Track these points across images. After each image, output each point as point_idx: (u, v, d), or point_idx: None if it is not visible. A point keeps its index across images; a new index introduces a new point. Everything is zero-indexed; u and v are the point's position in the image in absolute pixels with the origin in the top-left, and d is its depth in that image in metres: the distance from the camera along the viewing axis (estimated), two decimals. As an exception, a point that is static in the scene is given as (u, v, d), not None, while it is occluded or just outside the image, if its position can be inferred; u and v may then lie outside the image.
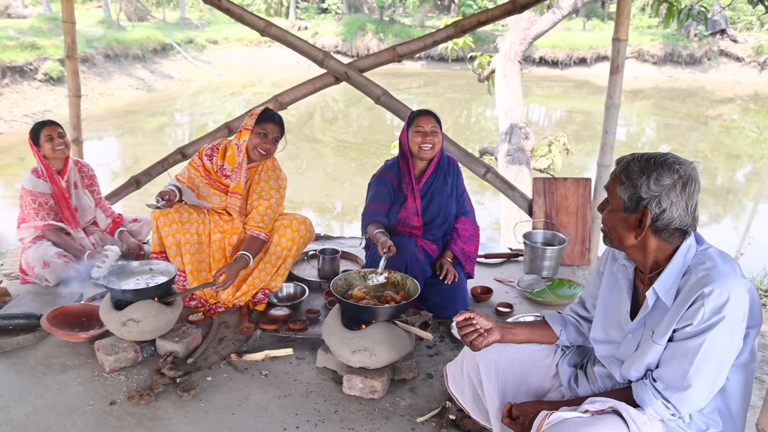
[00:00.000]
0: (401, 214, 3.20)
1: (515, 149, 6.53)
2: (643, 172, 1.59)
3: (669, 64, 22.15)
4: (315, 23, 29.00)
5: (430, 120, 3.10)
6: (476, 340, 1.88)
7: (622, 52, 3.60)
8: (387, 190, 3.23)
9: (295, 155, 13.27)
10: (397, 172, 3.24)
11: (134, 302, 2.73)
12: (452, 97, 20.75)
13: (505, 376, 1.98)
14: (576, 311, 2.06)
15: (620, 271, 1.80)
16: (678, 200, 1.58)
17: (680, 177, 1.58)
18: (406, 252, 3.00)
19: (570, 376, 1.97)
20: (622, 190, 1.63)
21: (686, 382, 1.55)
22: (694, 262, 1.61)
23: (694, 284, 1.56)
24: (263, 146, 3.18)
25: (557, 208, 3.98)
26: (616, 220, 1.68)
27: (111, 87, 19.00)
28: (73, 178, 3.83)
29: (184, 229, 3.20)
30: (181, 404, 2.50)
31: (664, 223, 1.60)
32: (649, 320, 1.69)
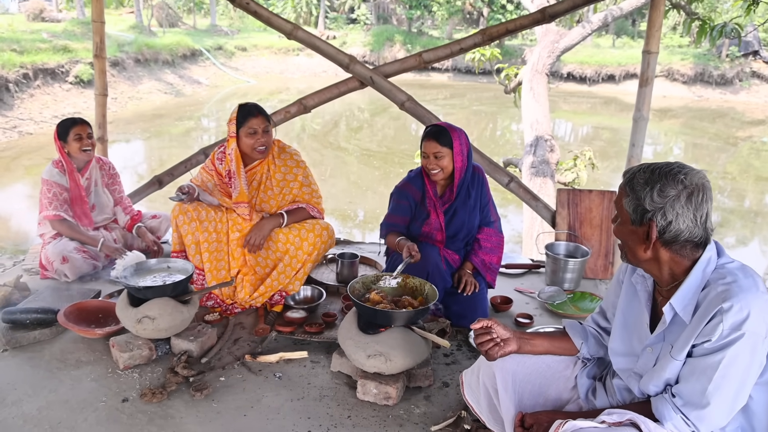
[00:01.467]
0: (424, 228, 3.16)
1: (540, 161, 6.46)
2: (647, 183, 1.55)
3: (699, 83, 21.86)
4: (343, 33, 29.26)
5: (431, 145, 2.97)
6: (492, 350, 1.82)
7: (652, 64, 3.53)
8: (408, 204, 3.17)
9: (320, 162, 13.34)
10: (421, 186, 3.17)
11: (150, 299, 2.72)
12: (478, 109, 20.71)
13: (522, 387, 1.92)
14: (597, 322, 1.99)
15: (639, 282, 1.75)
16: (684, 211, 1.53)
17: (685, 187, 1.53)
18: (428, 261, 2.95)
19: (588, 388, 1.91)
20: (627, 203, 1.60)
21: (705, 399, 1.49)
22: (714, 276, 1.55)
23: (713, 299, 1.50)
24: (259, 143, 3.17)
25: (581, 220, 3.90)
26: (625, 234, 1.64)
27: (140, 91, 19.36)
28: (95, 176, 3.86)
29: (202, 227, 3.20)
30: (194, 404, 2.48)
31: (671, 235, 1.55)
32: (668, 335, 1.63)
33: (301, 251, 3.28)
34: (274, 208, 3.35)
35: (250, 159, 3.30)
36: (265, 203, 3.35)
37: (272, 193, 3.35)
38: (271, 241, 3.27)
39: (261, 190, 3.35)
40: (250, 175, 3.32)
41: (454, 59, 23.90)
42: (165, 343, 2.86)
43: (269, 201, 3.35)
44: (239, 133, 3.19)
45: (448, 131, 3.00)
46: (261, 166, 3.32)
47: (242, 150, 3.24)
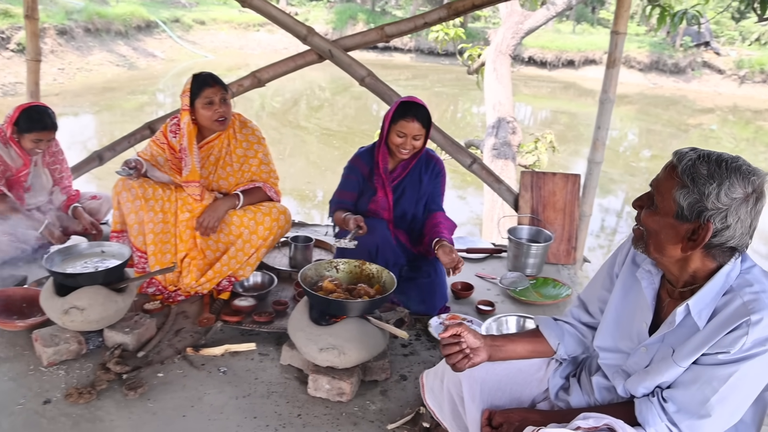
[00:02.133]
0: (370, 206, 2.98)
1: (501, 143, 6.34)
2: (713, 177, 1.31)
3: (654, 71, 22.20)
4: (306, 10, 28.60)
5: (413, 125, 2.78)
6: (460, 363, 1.62)
7: (620, 45, 3.39)
8: (356, 179, 3.00)
9: (278, 141, 12.97)
10: (369, 161, 2.98)
11: (80, 288, 2.46)
12: (440, 91, 20.55)
13: (492, 395, 1.75)
14: (578, 317, 1.81)
15: (645, 278, 1.55)
16: (746, 217, 1.32)
17: (754, 191, 1.32)
18: (376, 232, 2.77)
19: (560, 387, 1.75)
20: (682, 195, 1.34)
21: (704, 410, 1.34)
22: (739, 282, 1.38)
23: (738, 308, 1.33)
24: (217, 114, 2.93)
25: (544, 203, 3.78)
26: (661, 226, 1.40)
27: (90, 62, 18.46)
28: (34, 156, 3.53)
29: (148, 206, 2.94)
30: (126, 404, 2.25)
31: (721, 240, 1.35)
32: (669, 337, 1.46)
33: (256, 235, 3.05)
34: (232, 186, 3.11)
35: (208, 131, 3.05)
36: (223, 180, 3.11)
37: (231, 170, 3.11)
38: (224, 223, 3.03)
39: (219, 165, 3.11)
40: (207, 149, 3.07)
41: (417, 40, 23.64)
42: (97, 335, 2.61)
43: (228, 178, 3.11)
44: (195, 106, 2.94)
45: (426, 109, 2.83)
46: (220, 140, 3.07)
47: (200, 123, 2.99)
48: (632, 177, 11.55)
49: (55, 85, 15.99)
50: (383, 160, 2.95)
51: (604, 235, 8.87)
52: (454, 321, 2.92)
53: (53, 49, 17.45)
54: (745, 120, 18.64)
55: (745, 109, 19.67)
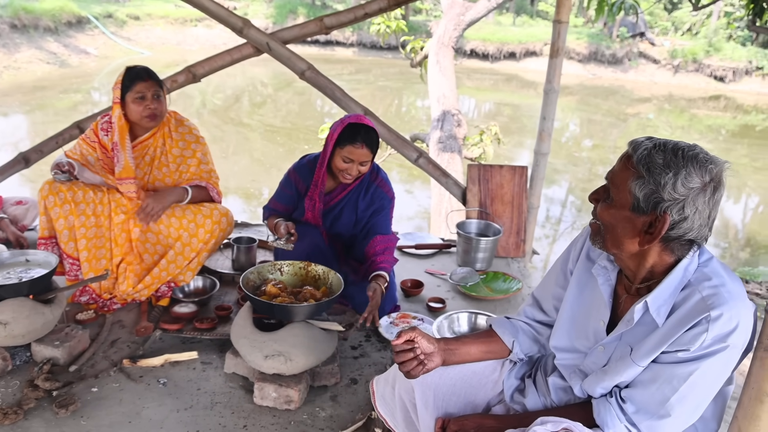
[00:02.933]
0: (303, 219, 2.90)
1: (447, 136, 6.32)
2: (669, 167, 1.26)
3: (593, 62, 22.77)
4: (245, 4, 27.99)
5: (363, 153, 2.63)
6: (414, 370, 1.53)
7: (563, 34, 3.40)
8: (291, 193, 2.90)
9: (220, 138, 12.65)
10: (307, 177, 2.84)
11: (2, 300, 2.28)
12: (384, 85, 20.51)
13: (447, 400, 1.68)
14: (532, 316, 1.75)
15: (601, 275, 1.49)
16: (704, 208, 1.27)
17: (712, 180, 1.27)
18: (305, 240, 2.69)
19: (515, 388, 1.70)
20: (637, 186, 1.29)
21: (664, 410, 1.31)
22: (697, 276, 1.33)
23: (698, 304, 1.29)
24: (148, 110, 2.77)
25: (492, 196, 3.76)
26: (617, 219, 1.34)
27: (18, 60, 17.58)
28: None
29: (78, 210, 2.75)
30: (57, 423, 2.09)
31: (679, 233, 1.29)
32: (627, 335, 1.42)
33: (196, 239, 2.91)
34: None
35: (140, 129, 2.88)
36: (159, 180, 2.95)
37: (167, 171, 2.95)
38: (162, 225, 2.88)
39: (155, 166, 2.94)
40: (141, 148, 2.90)
41: (360, 34, 23.51)
42: (24, 350, 2.43)
43: (164, 179, 2.95)
44: (126, 100, 2.77)
45: (374, 131, 2.69)
46: (154, 139, 2.91)
47: (130, 119, 2.82)
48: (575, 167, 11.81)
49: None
50: (321, 183, 2.80)
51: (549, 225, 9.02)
52: (404, 320, 2.88)
53: (-26, 47, 16.55)
54: (680, 108, 19.36)
55: (680, 98, 20.44)
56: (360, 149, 2.63)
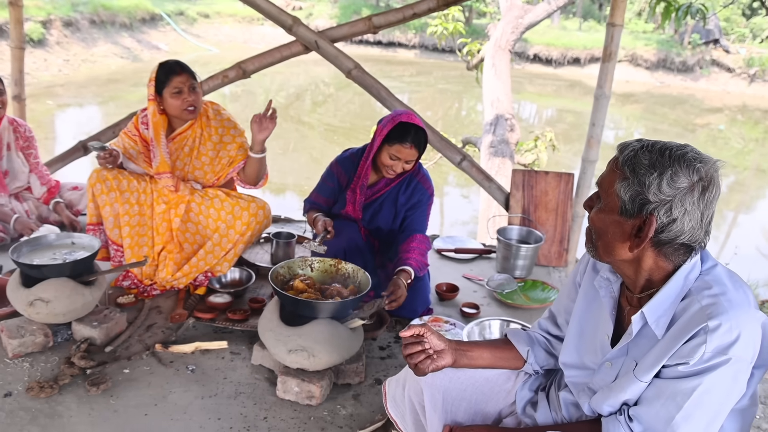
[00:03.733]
0: (342, 212, 2.90)
1: (499, 141, 6.22)
2: (654, 167, 1.22)
3: (662, 69, 21.98)
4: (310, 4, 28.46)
5: (411, 153, 2.63)
6: (422, 363, 1.49)
7: (616, 38, 3.29)
8: (333, 186, 2.90)
9: (279, 136, 12.87)
10: (350, 169, 2.84)
11: (46, 279, 2.39)
12: (444, 88, 20.42)
13: (456, 405, 1.64)
14: (546, 328, 1.70)
15: (603, 287, 1.44)
16: (693, 209, 1.22)
17: (701, 179, 1.22)
18: (342, 235, 2.68)
19: (528, 401, 1.65)
20: (623, 187, 1.26)
21: (670, 429, 1.23)
22: (698, 285, 1.27)
23: (696, 314, 1.22)
24: (186, 103, 2.84)
25: (536, 203, 3.68)
26: (607, 223, 1.31)
27: (95, 54, 18.45)
28: (6, 139, 3.45)
29: (123, 198, 2.86)
30: (88, 400, 2.18)
31: (670, 236, 1.25)
32: (632, 349, 1.35)
33: (233, 230, 2.97)
34: (209, 175, 3.02)
35: (178, 122, 2.96)
36: (199, 170, 3.02)
37: (207, 159, 3.01)
38: (201, 215, 2.96)
39: (194, 156, 3.01)
40: (180, 140, 2.98)
41: (422, 36, 23.46)
42: (66, 328, 2.54)
43: (203, 167, 3.02)
44: (164, 95, 2.85)
45: (425, 133, 2.68)
46: (192, 130, 2.98)
47: (169, 113, 2.90)
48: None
49: (61, 76, 15.99)
50: (365, 176, 2.80)
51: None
52: (436, 324, 2.85)
53: (59, 40, 17.45)
54: (754, 120, 18.44)
55: (755, 109, 19.45)
56: (408, 149, 2.62)
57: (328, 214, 2.88)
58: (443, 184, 10.66)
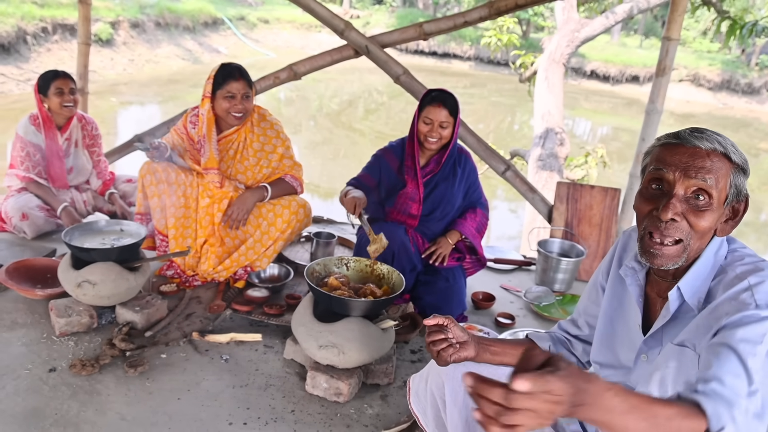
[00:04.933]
0: (399, 199, 2.89)
1: (548, 155, 6.15)
2: (737, 150, 1.24)
3: (725, 91, 21.24)
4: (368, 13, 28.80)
5: (440, 112, 2.72)
6: (445, 352, 1.49)
7: (671, 52, 3.22)
8: (379, 167, 2.94)
9: (330, 141, 13.09)
10: (400, 154, 2.92)
11: (94, 263, 2.49)
12: (497, 101, 20.29)
13: None
14: (566, 329, 1.71)
15: (629, 275, 1.42)
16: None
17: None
18: (394, 240, 2.70)
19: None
20: (738, 177, 1.25)
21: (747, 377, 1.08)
22: (729, 260, 1.29)
23: (733, 280, 1.22)
24: (236, 108, 2.91)
25: (579, 217, 3.62)
26: (714, 219, 1.26)
27: (158, 54, 19.15)
28: (75, 136, 3.61)
29: (171, 190, 2.96)
30: (125, 380, 2.26)
31: None
32: (667, 335, 1.33)
33: (274, 227, 3.05)
34: (250, 180, 3.11)
35: (225, 124, 3.04)
36: (241, 174, 3.11)
37: (248, 164, 3.10)
38: None
39: (237, 159, 3.10)
40: (225, 142, 3.07)
41: (477, 48, 23.39)
42: (110, 311, 2.64)
43: (245, 172, 3.10)
44: (216, 95, 2.94)
45: (455, 98, 2.77)
46: (238, 134, 3.06)
47: (217, 113, 2.99)
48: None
49: (125, 75, 16.65)
50: (417, 154, 2.87)
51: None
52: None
53: (126, 41, 18.18)
54: (822, 147, 17.64)
55: (824, 135, 18.61)
56: (437, 108, 2.72)
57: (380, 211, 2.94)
58: (491, 197, 10.58)
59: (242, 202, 2.97)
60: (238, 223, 2.98)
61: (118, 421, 2.05)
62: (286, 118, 15.34)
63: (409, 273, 2.81)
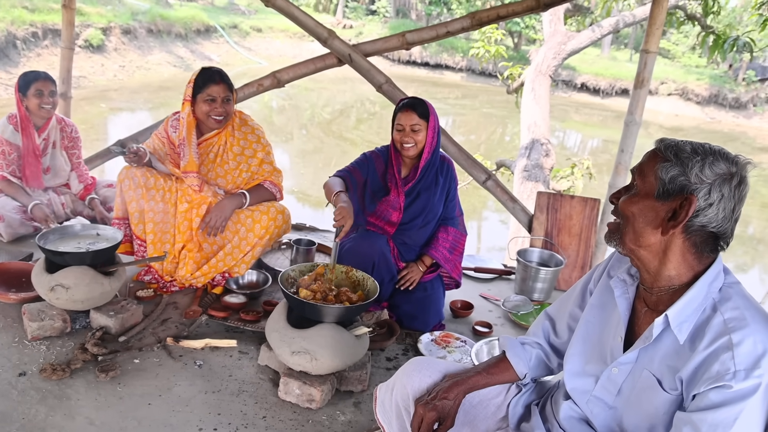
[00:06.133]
0: (380, 205, 2.89)
1: (533, 165, 6.19)
2: (697, 153, 1.26)
3: (713, 105, 21.49)
4: (361, 23, 28.93)
5: (410, 117, 2.73)
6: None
7: (649, 64, 3.26)
8: (367, 164, 2.92)
9: (320, 150, 13.10)
10: (386, 161, 2.92)
11: (68, 267, 2.48)
12: (489, 112, 20.39)
13: None
14: (547, 336, 1.68)
15: (618, 287, 1.43)
16: (729, 197, 1.24)
17: (738, 170, 1.25)
18: (374, 249, 2.70)
19: (520, 416, 1.63)
20: (664, 168, 1.27)
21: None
22: (722, 296, 1.27)
23: (719, 327, 1.22)
24: (216, 112, 2.92)
25: (559, 227, 3.64)
26: (640, 208, 1.31)
27: (149, 61, 19.13)
28: (53, 137, 3.61)
29: (149, 195, 2.96)
30: (97, 385, 2.24)
31: (702, 221, 1.25)
32: (643, 356, 1.34)
33: (252, 233, 3.04)
34: (230, 184, 3.10)
35: (206, 128, 3.04)
36: (221, 177, 3.11)
37: (228, 168, 3.10)
38: None
39: (217, 163, 3.10)
40: (205, 146, 3.07)
41: (469, 60, 23.54)
42: (85, 316, 2.63)
43: (225, 176, 3.10)
44: (196, 98, 2.94)
45: (426, 103, 2.77)
46: (218, 138, 3.07)
47: (197, 116, 2.99)
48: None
49: (116, 81, 16.61)
50: (396, 163, 2.88)
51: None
52: (447, 339, 2.84)
53: (117, 47, 18.16)
54: (810, 161, 17.82)
55: (812, 149, 18.83)
56: (407, 113, 2.74)
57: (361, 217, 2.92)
58: (482, 207, 10.61)
59: (220, 210, 2.97)
60: (216, 230, 2.97)
61: (86, 425, 2.04)
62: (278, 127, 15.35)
63: (387, 282, 2.81)
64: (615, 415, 1.39)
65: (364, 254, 2.70)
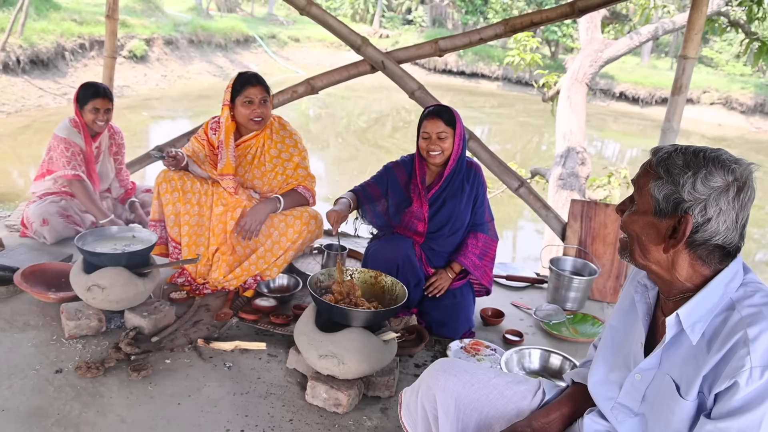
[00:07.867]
0: (405, 216, 2.89)
1: (569, 174, 6.10)
2: (689, 167, 1.22)
3: (758, 114, 20.84)
4: (397, 33, 29.10)
5: (436, 124, 2.71)
6: None
7: (687, 71, 3.19)
8: (386, 179, 2.93)
9: (356, 157, 13.18)
10: (409, 169, 2.92)
11: (104, 267, 2.55)
12: (525, 121, 20.23)
13: (468, 414, 1.60)
14: None
15: (639, 292, 1.41)
16: (728, 209, 1.21)
17: (736, 179, 1.21)
18: (398, 252, 2.70)
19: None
20: (657, 187, 1.25)
21: None
22: (740, 295, 1.23)
23: (736, 324, 1.19)
24: (255, 113, 2.97)
25: (593, 235, 3.58)
26: (641, 226, 1.30)
27: (190, 71, 19.59)
28: (104, 144, 3.71)
29: (185, 198, 3.02)
30: (129, 384, 2.29)
31: (705, 236, 1.22)
32: (665, 360, 1.31)
33: (285, 237, 3.08)
34: (265, 186, 3.15)
35: (245, 130, 3.10)
36: (258, 179, 3.16)
37: (265, 170, 3.15)
38: None
39: (254, 165, 3.15)
40: (243, 148, 3.12)
41: (506, 68, 23.41)
42: (120, 316, 2.69)
43: (262, 177, 3.15)
44: (235, 102, 3.00)
45: (451, 110, 2.77)
46: (257, 140, 3.12)
47: (237, 120, 3.05)
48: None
49: (157, 90, 17.04)
50: (420, 172, 2.87)
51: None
52: (476, 347, 2.81)
53: (159, 57, 18.65)
54: None
55: None
56: (433, 121, 2.73)
57: (387, 227, 2.95)
58: (517, 217, 10.51)
59: (255, 214, 3.01)
60: (251, 234, 3.01)
61: (117, 423, 2.08)
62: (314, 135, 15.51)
63: (414, 287, 2.80)
64: (641, 422, 1.37)
65: (388, 257, 2.71)
